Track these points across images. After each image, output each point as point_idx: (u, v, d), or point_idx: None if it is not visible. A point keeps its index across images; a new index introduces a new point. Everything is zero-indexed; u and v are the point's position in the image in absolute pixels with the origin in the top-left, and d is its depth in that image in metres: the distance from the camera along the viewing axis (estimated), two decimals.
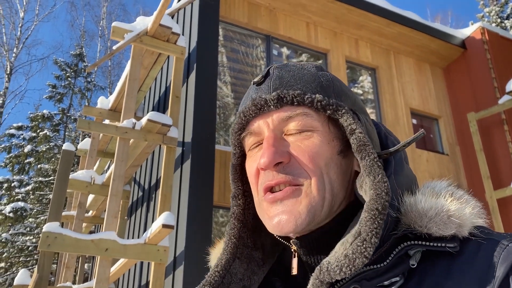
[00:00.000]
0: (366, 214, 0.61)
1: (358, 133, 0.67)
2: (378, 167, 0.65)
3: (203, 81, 5.41)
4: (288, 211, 0.67)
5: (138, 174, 6.96)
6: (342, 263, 0.60)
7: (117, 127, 4.70)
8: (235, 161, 0.78)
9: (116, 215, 4.42)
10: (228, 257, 0.74)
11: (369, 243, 0.59)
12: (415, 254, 0.63)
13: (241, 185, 0.78)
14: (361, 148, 0.67)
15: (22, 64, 22.70)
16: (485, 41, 7.87)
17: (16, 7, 22.84)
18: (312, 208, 0.67)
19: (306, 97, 0.69)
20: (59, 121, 19.59)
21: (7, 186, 16.88)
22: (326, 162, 0.69)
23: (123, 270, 4.87)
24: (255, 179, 0.72)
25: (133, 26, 5.22)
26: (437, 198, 0.66)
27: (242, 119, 0.73)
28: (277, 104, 0.69)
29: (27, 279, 5.53)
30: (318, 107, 0.69)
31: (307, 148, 0.69)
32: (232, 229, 0.76)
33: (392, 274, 0.62)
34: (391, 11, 7.36)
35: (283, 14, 6.90)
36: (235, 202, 0.78)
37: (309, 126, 0.70)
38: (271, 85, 0.72)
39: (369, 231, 0.60)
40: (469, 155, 7.52)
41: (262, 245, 0.78)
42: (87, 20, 32.04)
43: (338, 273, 0.60)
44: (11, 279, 15.33)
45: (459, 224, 0.63)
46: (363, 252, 0.59)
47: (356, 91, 7.46)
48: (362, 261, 0.59)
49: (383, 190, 0.62)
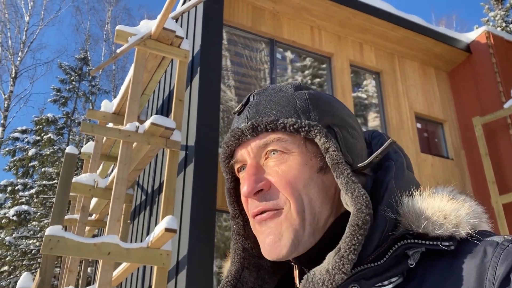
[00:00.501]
0: (347, 230, 0.64)
1: (331, 151, 0.70)
2: (353, 182, 0.67)
3: (206, 85, 5.40)
4: (273, 233, 0.71)
5: (141, 177, 6.95)
6: (324, 277, 0.63)
7: (120, 131, 4.69)
8: (229, 185, 0.83)
9: (119, 219, 4.40)
10: (237, 267, 0.78)
11: (347, 260, 0.62)
12: (414, 254, 0.65)
13: (237, 206, 0.82)
14: (335, 167, 0.69)
15: (27, 68, 22.86)
16: (490, 45, 7.83)
17: (22, 11, 23.00)
18: (294, 231, 0.69)
19: (279, 123, 0.72)
20: (63, 125, 19.65)
21: (11, 190, 16.92)
22: (305, 183, 0.71)
23: (125, 274, 4.85)
24: (245, 204, 0.76)
25: (137, 29, 5.22)
26: (434, 199, 0.68)
27: (225, 149, 0.78)
28: (253, 133, 0.73)
29: (30, 283, 5.51)
30: (291, 130, 0.71)
31: (283, 173, 0.72)
32: (236, 243, 0.80)
33: (391, 273, 0.64)
34: (396, 15, 7.34)
35: (287, 18, 6.89)
36: (234, 221, 0.82)
37: (285, 149, 0.72)
38: (249, 114, 0.76)
39: (347, 247, 0.63)
40: (474, 159, 7.47)
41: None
42: (92, 24, 32.22)
43: (320, 286, 0.63)
44: (14, 282, 15.33)
45: (455, 224, 0.64)
46: (341, 268, 0.62)
47: (360, 95, 7.43)
48: (341, 277, 0.62)
49: (363, 204, 0.65)
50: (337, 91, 6.83)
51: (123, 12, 34.71)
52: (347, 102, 6.83)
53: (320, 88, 7.12)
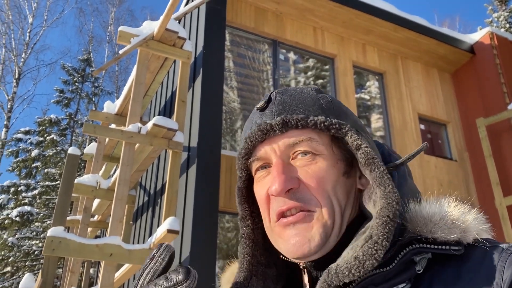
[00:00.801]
0: (378, 220, 0.64)
1: (364, 147, 0.70)
2: (388, 179, 0.67)
3: (209, 86, 5.39)
4: (301, 235, 0.69)
5: (143, 178, 6.94)
6: (351, 264, 0.62)
7: (123, 132, 4.68)
8: (241, 184, 0.80)
9: (121, 220, 4.39)
10: (246, 275, 0.76)
11: (380, 246, 0.62)
12: (421, 260, 0.65)
13: (248, 207, 0.80)
14: (370, 162, 0.69)
15: (30, 69, 22.89)
16: (494, 46, 7.80)
17: (25, 12, 23.08)
18: (323, 232, 0.69)
19: (309, 120, 0.72)
20: (66, 126, 19.69)
21: (14, 190, 16.95)
22: (333, 185, 0.71)
23: (128, 275, 4.84)
24: (265, 204, 0.74)
25: (140, 30, 5.22)
26: (441, 205, 0.69)
27: (248, 144, 0.75)
28: (282, 128, 0.72)
29: (32, 284, 5.51)
30: (321, 128, 0.71)
31: (314, 173, 0.71)
32: (245, 248, 0.78)
33: (398, 279, 0.63)
34: (399, 16, 7.32)
35: (290, 19, 6.88)
36: (244, 223, 0.79)
37: (315, 150, 0.72)
38: (275, 110, 0.74)
39: (380, 234, 0.63)
40: (478, 161, 7.43)
41: (275, 263, 0.79)
42: (95, 26, 32.23)
43: (347, 275, 0.62)
44: (17, 283, 15.35)
45: (463, 229, 0.65)
46: (373, 254, 0.62)
47: (363, 96, 7.41)
48: (372, 263, 0.61)
49: (394, 199, 0.65)
50: (340, 92, 6.81)
51: (126, 13, 34.76)
52: (350, 103, 6.80)
53: (323, 90, 7.09)
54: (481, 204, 7.19)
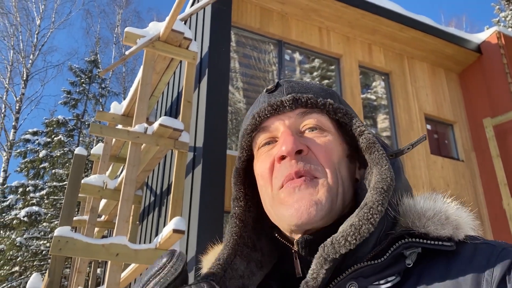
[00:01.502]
0: (372, 191, 0.65)
1: (366, 133, 0.73)
2: (386, 160, 0.69)
3: (214, 86, 5.41)
4: (307, 198, 0.68)
5: (150, 179, 6.97)
6: (347, 232, 0.62)
7: (129, 132, 4.71)
8: (240, 165, 0.80)
9: (127, 220, 4.42)
10: (230, 252, 0.74)
11: (376, 210, 0.62)
12: (411, 254, 0.64)
13: (243, 189, 0.80)
14: (371, 145, 0.72)
15: (38, 71, 23.05)
16: (501, 45, 7.74)
17: (33, 14, 23.26)
18: (329, 197, 0.69)
19: (319, 100, 0.74)
20: (73, 127, 19.82)
21: (22, 191, 17.08)
22: (339, 160, 0.73)
23: (134, 275, 4.86)
24: (268, 174, 0.74)
25: (146, 31, 5.25)
26: (435, 200, 0.69)
27: (256, 119, 0.76)
28: (292, 105, 0.74)
29: (39, 284, 5.55)
30: (329, 109, 0.74)
31: (323, 143, 0.73)
32: (234, 228, 0.77)
33: (388, 272, 0.63)
34: (405, 16, 7.29)
35: (295, 19, 6.88)
36: (237, 204, 0.79)
37: (324, 125, 0.75)
38: (284, 91, 0.77)
39: (375, 201, 0.63)
40: (485, 161, 7.38)
41: (261, 248, 0.78)
42: (102, 27, 32.44)
43: (343, 244, 0.61)
44: (25, 282, 15.46)
45: (456, 225, 0.65)
46: (369, 218, 0.62)
47: (369, 96, 7.39)
48: (368, 227, 0.61)
49: (388, 176, 0.67)
50: (346, 92, 6.80)
51: (133, 14, 34.91)
52: (356, 103, 6.79)
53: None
54: (488, 204, 7.15)
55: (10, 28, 22.38)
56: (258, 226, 0.79)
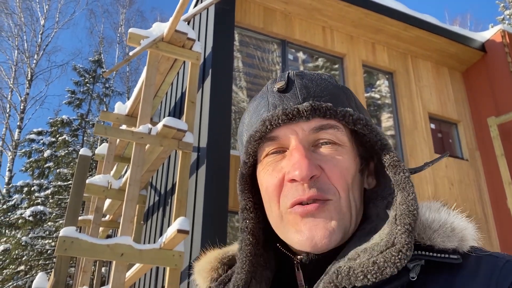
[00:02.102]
0: (399, 227, 0.61)
1: (389, 148, 0.69)
2: (411, 186, 0.65)
3: (218, 87, 5.41)
4: (322, 227, 0.65)
5: (154, 179, 7.00)
6: (368, 269, 0.59)
7: (133, 133, 4.73)
8: (246, 170, 0.74)
9: (132, 220, 4.44)
10: (247, 277, 0.70)
11: (404, 255, 0.59)
12: (415, 267, 0.62)
13: (251, 197, 0.74)
14: (396, 164, 0.67)
15: (43, 71, 23.15)
16: (506, 44, 7.71)
17: (37, 14, 23.35)
18: (342, 225, 0.67)
19: (339, 110, 0.68)
20: (78, 126, 19.89)
21: (27, 190, 17.16)
22: (352, 179, 0.69)
23: (138, 275, 4.89)
24: (276, 190, 0.69)
25: (149, 32, 5.26)
26: (440, 212, 0.67)
27: (267, 127, 0.69)
28: (309, 115, 0.67)
29: (45, 283, 5.59)
30: (349, 120, 0.68)
31: (338, 163, 0.68)
32: (248, 246, 0.72)
33: (392, 286, 0.61)
34: (409, 15, 7.27)
35: (298, 19, 6.88)
36: (247, 215, 0.73)
37: (340, 140, 0.69)
38: (299, 94, 0.70)
39: (404, 243, 0.60)
40: (489, 160, 7.35)
41: (270, 265, 0.75)
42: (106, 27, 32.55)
43: (361, 279, 0.59)
44: (30, 282, 15.55)
45: (462, 237, 0.64)
46: (396, 262, 0.59)
47: (373, 95, 7.38)
48: (392, 271, 0.59)
49: (415, 208, 0.63)
50: None
51: (136, 14, 34.98)
52: (360, 102, 6.78)
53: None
54: (493, 204, 7.13)
55: (15, 28, 22.50)
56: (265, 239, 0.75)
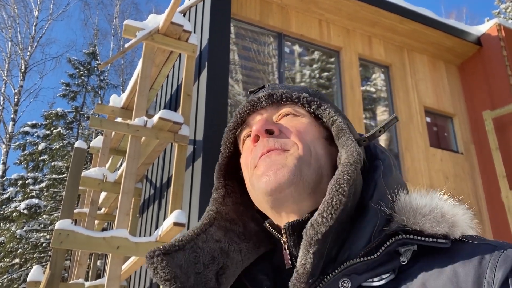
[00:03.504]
0: (339, 167, 0.66)
1: (338, 122, 0.74)
2: (352, 141, 0.70)
3: (214, 79, 5.39)
4: (276, 164, 0.70)
5: (150, 172, 6.98)
6: (321, 209, 0.62)
7: (129, 125, 4.71)
8: (222, 160, 0.85)
9: (127, 213, 4.43)
10: (205, 222, 0.76)
11: (342, 180, 0.63)
12: (406, 252, 0.64)
13: (223, 180, 0.84)
14: (339, 132, 0.73)
15: (37, 63, 22.95)
16: (501, 38, 7.72)
17: (31, 6, 23.11)
18: (298, 163, 0.70)
19: (293, 93, 0.78)
20: (72, 119, 19.78)
21: (22, 183, 17.10)
22: (312, 139, 0.74)
23: (134, 267, 4.89)
24: (247, 157, 0.78)
25: (145, 24, 5.22)
26: (432, 197, 0.68)
27: (237, 117, 0.81)
28: (268, 99, 0.78)
29: (40, 276, 5.58)
30: (303, 102, 0.77)
31: (295, 125, 0.75)
32: (211, 207, 0.80)
33: (382, 269, 0.62)
34: (405, 8, 7.26)
35: (295, 11, 6.85)
36: (216, 192, 0.83)
37: (298, 112, 0.78)
38: (264, 90, 0.81)
39: (340, 173, 0.64)
40: (484, 154, 7.40)
41: (244, 224, 0.80)
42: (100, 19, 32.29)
43: (321, 221, 0.61)
44: (25, 274, 15.53)
45: (452, 223, 0.64)
46: (338, 189, 0.62)
47: (369, 88, 7.38)
48: (339, 198, 0.61)
49: (355, 151, 0.67)
50: (345, 85, 6.79)
51: (131, 6, 34.64)
52: (356, 96, 6.78)
53: (328, 82, 7.08)
54: (487, 197, 7.18)
55: (8, 19, 22.26)
56: (240, 208, 0.81)
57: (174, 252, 0.70)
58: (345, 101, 6.68)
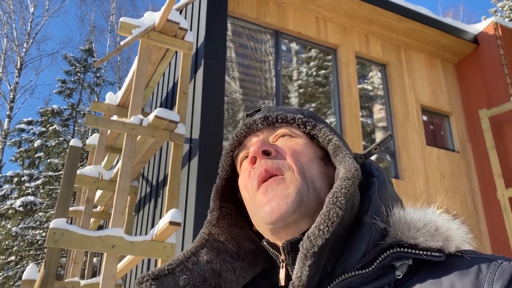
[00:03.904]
0: (337, 181, 0.67)
1: (334, 140, 0.75)
2: (349, 157, 0.71)
3: (211, 77, 5.37)
4: (278, 195, 0.71)
5: (146, 170, 6.96)
6: (318, 222, 0.63)
7: (124, 123, 4.68)
8: (219, 183, 0.86)
9: (123, 211, 4.41)
10: (197, 245, 0.78)
11: (339, 193, 0.63)
12: (401, 266, 0.64)
13: (219, 203, 0.85)
14: (336, 149, 0.74)
15: (32, 59, 22.86)
16: (498, 36, 7.72)
17: (27, 2, 22.97)
18: (299, 191, 0.71)
19: (289, 115, 0.79)
20: (68, 116, 19.71)
21: (17, 180, 17.03)
22: (308, 160, 0.75)
23: (130, 266, 4.87)
24: (248, 181, 0.78)
25: (141, 21, 5.19)
26: (426, 212, 0.69)
27: (234, 139, 0.82)
28: (264, 122, 0.79)
29: (35, 274, 5.55)
30: (299, 123, 0.78)
31: (291, 145, 0.77)
32: (204, 229, 0.82)
33: (378, 283, 0.63)
34: (403, 6, 7.24)
35: (292, 9, 6.82)
36: (211, 214, 0.84)
37: (293, 133, 0.79)
38: (260, 112, 0.83)
39: (338, 186, 0.65)
40: (480, 152, 7.40)
41: (238, 244, 0.80)
42: (97, 16, 32.12)
43: (317, 234, 0.62)
44: (21, 272, 15.49)
45: (446, 237, 0.65)
46: (335, 202, 0.63)
47: (366, 87, 7.37)
48: (336, 211, 0.62)
49: (352, 167, 0.68)
50: (342, 83, 6.78)
51: (128, 3, 34.56)
52: (353, 94, 6.77)
53: (325, 80, 7.07)
54: (483, 195, 7.19)
55: (3, 15, 22.12)
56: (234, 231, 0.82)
57: (163, 277, 0.72)
58: (342, 99, 6.67)
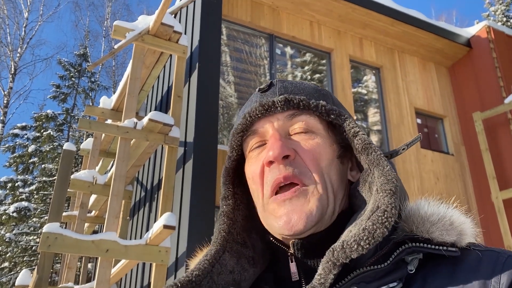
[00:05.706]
0: (381, 193, 0.63)
1: (361, 134, 0.71)
2: (385, 161, 0.68)
3: (205, 81, 5.36)
4: (298, 210, 0.68)
5: (140, 174, 6.93)
6: (360, 236, 0.60)
7: (118, 127, 4.66)
8: (230, 164, 0.79)
9: (117, 216, 4.38)
10: (218, 248, 0.73)
11: (390, 213, 0.60)
12: (413, 260, 0.63)
13: (232, 188, 0.79)
14: (367, 146, 0.70)
15: (26, 64, 22.79)
16: (491, 40, 7.78)
17: (21, 7, 22.91)
18: (320, 206, 0.68)
19: (312, 101, 0.73)
20: (63, 121, 19.62)
21: (11, 186, 16.91)
22: (328, 164, 0.72)
23: (124, 271, 4.84)
24: (259, 178, 0.73)
25: (135, 25, 5.19)
26: (439, 206, 0.67)
27: (247, 119, 0.75)
28: (284, 106, 0.73)
29: (28, 280, 5.50)
30: (322, 111, 0.73)
31: (311, 147, 0.71)
32: (222, 225, 0.75)
33: (390, 278, 0.62)
34: (396, 10, 7.29)
35: (286, 13, 6.85)
36: (225, 202, 0.78)
37: (313, 127, 0.73)
38: (277, 91, 0.76)
39: (388, 203, 0.61)
40: (474, 155, 7.44)
41: (253, 245, 0.77)
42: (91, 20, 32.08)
43: (355, 248, 0.59)
44: (15, 278, 15.35)
45: (460, 231, 0.64)
46: (384, 222, 0.59)
47: (360, 90, 7.40)
48: (383, 231, 0.59)
49: (393, 176, 0.64)
50: (337, 87, 6.80)
51: (123, 7, 34.59)
52: (347, 97, 6.79)
53: (320, 84, 7.08)
54: (478, 197, 7.22)
55: None
56: (248, 224, 0.78)
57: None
58: None
